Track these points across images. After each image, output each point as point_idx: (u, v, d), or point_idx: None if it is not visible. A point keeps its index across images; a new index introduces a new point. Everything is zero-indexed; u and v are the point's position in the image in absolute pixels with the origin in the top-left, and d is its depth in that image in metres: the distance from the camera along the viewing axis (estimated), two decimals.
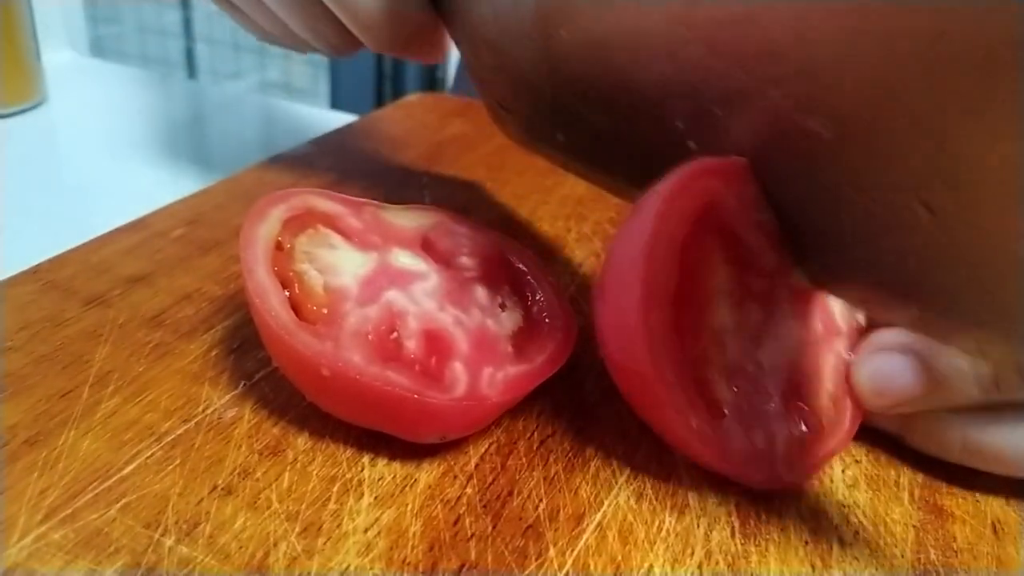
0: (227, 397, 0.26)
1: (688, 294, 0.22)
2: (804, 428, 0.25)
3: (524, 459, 0.25)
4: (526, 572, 0.21)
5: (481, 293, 0.27)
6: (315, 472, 0.23)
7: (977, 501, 0.25)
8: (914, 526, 0.24)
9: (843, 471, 0.25)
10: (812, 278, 0.24)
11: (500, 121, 0.36)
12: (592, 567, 0.21)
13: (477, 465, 0.24)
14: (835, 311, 0.26)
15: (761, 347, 0.24)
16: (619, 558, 0.22)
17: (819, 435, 0.25)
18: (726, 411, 0.24)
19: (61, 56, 0.66)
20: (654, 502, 0.24)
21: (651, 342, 0.21)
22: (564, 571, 0.21)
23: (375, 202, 0.28)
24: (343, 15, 0.31)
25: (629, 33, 0.24)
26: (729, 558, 0.22)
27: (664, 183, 0.22)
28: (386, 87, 1.47)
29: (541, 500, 0.23)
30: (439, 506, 0.23)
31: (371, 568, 0.21)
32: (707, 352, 0.23)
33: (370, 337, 0.24)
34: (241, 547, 0.21)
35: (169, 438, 0.24)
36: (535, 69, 0.29)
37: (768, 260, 0.23)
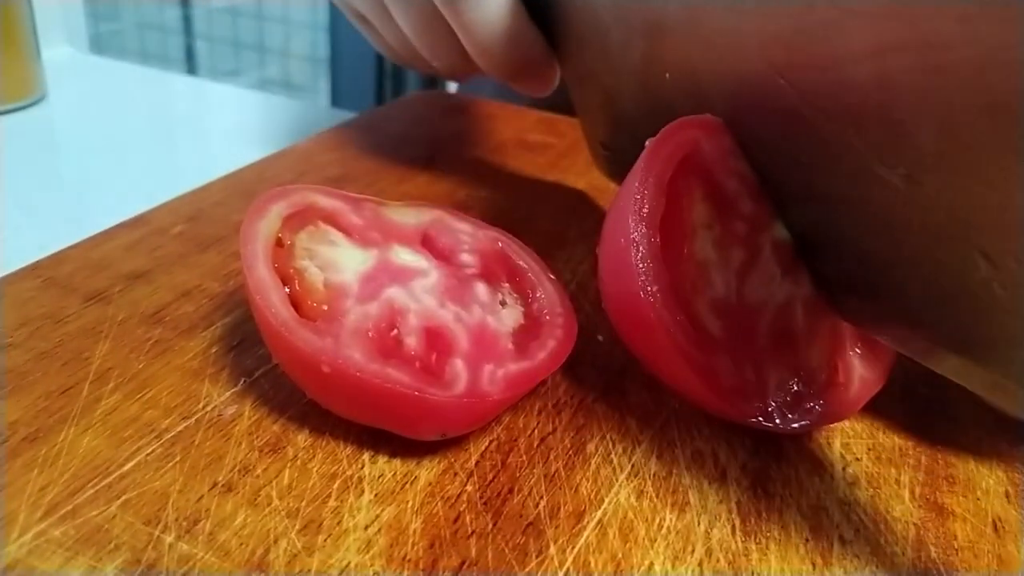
0: (227, 394, 0.26)
1: (672, 226, 0.25)
2: (797, 380, 0.25)
3: (524, 456, 0.25)
4: (526, 570, 0.21)
5: (481, 290, 0.27)
6: (315, 469, 0.23)
7: (978, 499, 0.25)
8: (915, 524, 0.24)
9: (844, 469, 0.25)
10: (855, 319, 0.25)
11: (599, 159, 0.38)
12: (593, 565, 0.21)
13: (477, 462, 0.24)
14: None
15: (746, 286, 0.26)
16: (620, 556, 0.22)
17: (814, 392, 0.25)
18: (716, 338, 0.25)
19: (61, 52, 0.66)
20: (655, 499, 0.24)
21: (640, 261, 0.23)
22: (564, 569, 0.21)
23: (375, 199, 0.28)
24: (464, 37, 0.33)
25: (728, 78, 0.24)
26: (730, 556, 0.22)
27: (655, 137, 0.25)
28: (386, 85, 1.47)
29: (541, 497, 0.23)
30: (439, 503, 0.23)
31: (371, 565, 0.21)
32: (694, 283, 0.25)
33: (370, 334, 0.23)
34: (241, 544, 0.21)
35: (169, 435, 0.24)
36: (637, 108, 0.30)
37: (746, 206, 0.26)
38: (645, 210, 0.23)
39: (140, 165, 0.49)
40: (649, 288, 0.23)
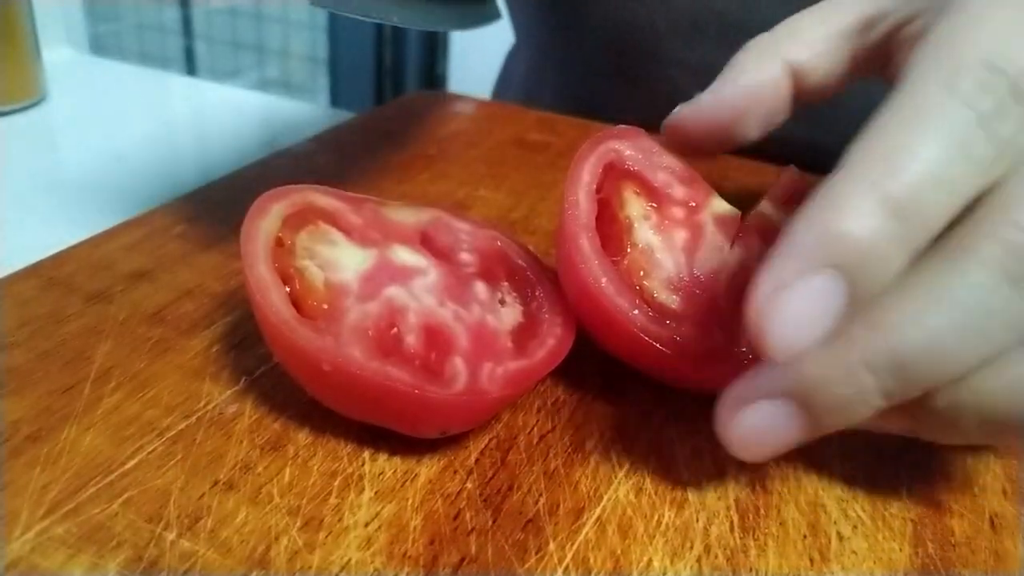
0: (228, 393, 0.26)
1: (610, 224, 0.27)
2: None
3: (524, 454, 0.25)
4: (526, 566, 0.21)
5: (481, 289, 0.27)
6: (316, 467, 0.24)
7: (975, 495, 0.25)
8: (912, 520, 0.24)
9: (842, 465, 0.26)
10: None
11: None
12: (592, 561, 0.21)
13: (477, 460, 0.24)
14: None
15: (695, 260, 0.28)
16: (618, 552, 0.22)
17: None
18: (676, 313, 0.26)
19: (61, 53, 0.66)
20: (653, 496, 0.24)
21: (585, 257, 0.25)
22: (564, 565, 0.21)
23: (375, 198, 0.28)
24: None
25: None
26: (728, 552, 0.22)
27: (584, 148, 0.28)
28: (386, 84, 1.47)
29: (541, 495, 0.23)
30: (439, 500, 0.23)
31: (372, 562, 0.21)
32: (643, 268, 0.27)
33: (370, 332, 0.24)
34: (243, 541, 0.21)
35: (171, 433, 0.24)
36: None
37: (677, 192, 0.29)
38: (580, 217, 0.26)
39: (140, 166, 0.50)
40: (596, 280, 0.25)
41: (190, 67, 1.70)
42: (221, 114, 0.61)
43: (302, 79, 1.64)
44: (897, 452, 0.26)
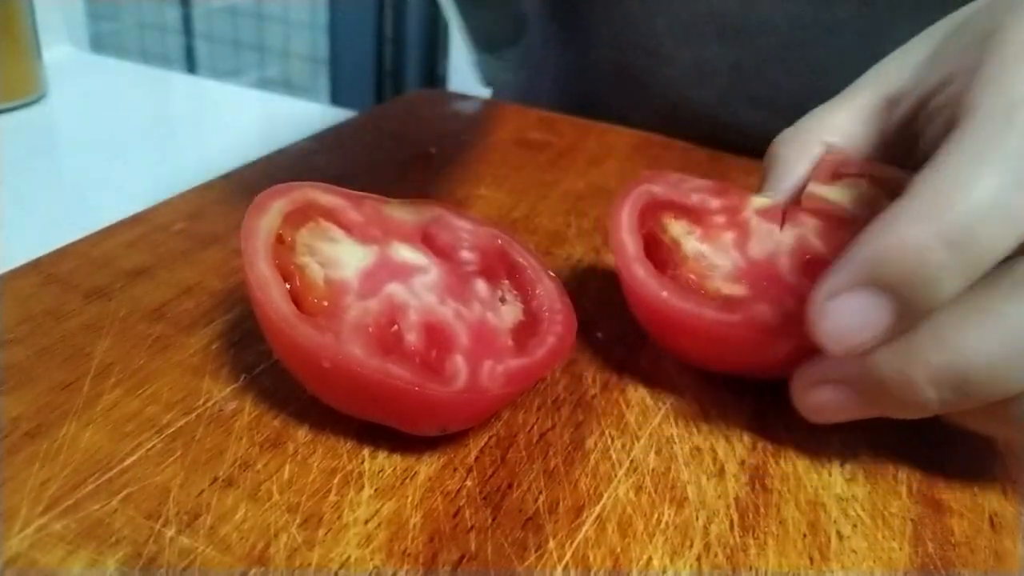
0: (228, 390, 0.26)
1: (659, 249, 0.29)
2: None
3: (524, 452, 0.25)
4: (526, 564, 0.21)
5: (481, 287, 0.27)
6: (316, 464, 0.24)
7: (975, 495, 0.25)
8: (912, 519, 0.24)
9: (841, 464, 0.26)
10: None
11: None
12: (591, 559, 0.21)
13: (477, 458, 0.24)
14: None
15: (749, 250, 0.29)
16: (618, 550, 0.22)
17: None
18: (745, 298, 0.27)
19: (61, 51, 0.66)
20: (653, 495, 0.24)
21: (642, 282, 0.27)
22: (563, 563, 0.21)
23: (376, 196, 0.28)
24: None
25: None
26: (728, 551, 0.22)
27: (618, 197, 0.29)
28: (386, 83, 1.47)
29: (541, 493, 0.23)
30: (439, 498, 0.23)
31: (371, 559, 0.21)
32: (699, 274, 0.28)
33: (371, 330, 0.24)
34: (242, 538, 0.21)
35: (170, 430, 0.24)
36: None
37: (713, 204, 0.30)
38: (628, 253, 0.28)
39: (140, 164, 0.50)
40: (657, 296, 0.26)
41: (191, 66, 1.70)
42: (222, 113, 0.61)
43: (303, 79, 1.64)
44: (897, 451, 0.26)
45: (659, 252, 0.29)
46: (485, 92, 0.59)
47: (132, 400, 0.25)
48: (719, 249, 0.29)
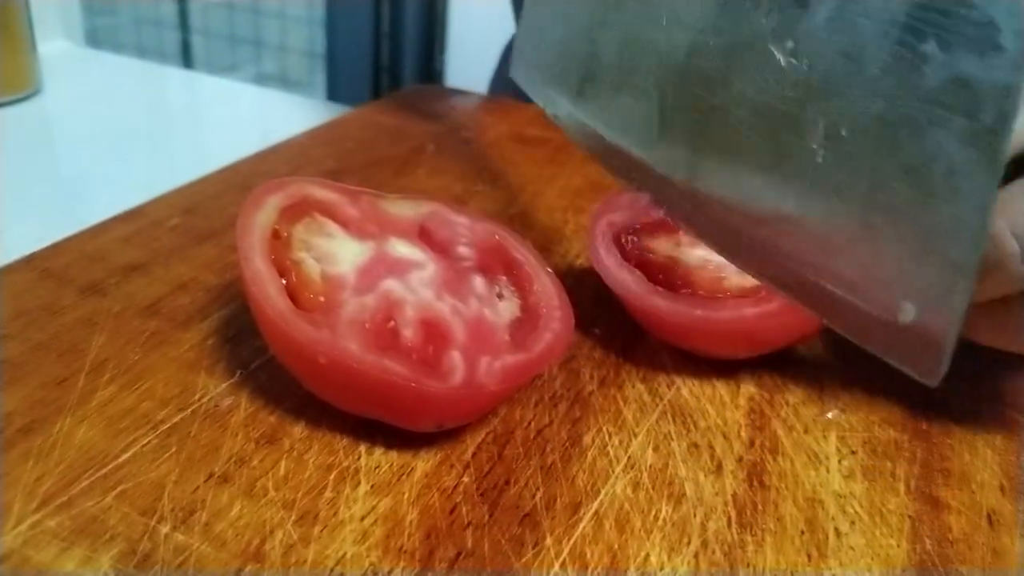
0: (223, 386, 0.26)
1: (656, 271, 0.30)
2: None
3: (521, 448, 0.25)
4: (523, 561, 0.21)
5: (478, 282, 0.27)
6: (311, 460, 0.23)
7: (973, 492, 0.25)
8: (910, 516, 0.24)
9: (839, 461, 0.25)
10: None
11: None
12: (589, 556, 0.21)
13: (474, 454, 0.24)
14: None
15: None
16: (616, 547, 0.22)
17: None
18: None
19: (57, 46, 0.66)
20: (651, 491, 0.24)
21: (636, 283, 0.29)
22: (560, 560, 0.21)
23: (372, 191, 0.28)
24: None
25: None
26: (725, 547, 0.22)
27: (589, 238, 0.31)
28: (383, 78, 1.46)
29: (538, 489, 0.23)
30: (436, 495, 0.23)
31: (368, 556, 0.21)
32: (708, 277, 0.30)
33: (367, 325, 0.23)
34: (237, 535, 0.21)
35: (165, 426, 0.24)
36: None
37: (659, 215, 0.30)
38: (612, 263, 0.29)
39: (136, 158, 0.49)
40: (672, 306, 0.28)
41: (187, 61, 1.69)
42: (218, 107, 0.60)
43: (299, 74, 1.64)
44: (895, 448, 0.26)
45: (659, 274, 0.29)
46: (482, 88, 0.59)
47: (127, 396, 0.25)
48: (684, 243, 0.30)
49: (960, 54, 0.20)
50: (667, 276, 0.29)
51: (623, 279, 0.29)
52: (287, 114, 0.59)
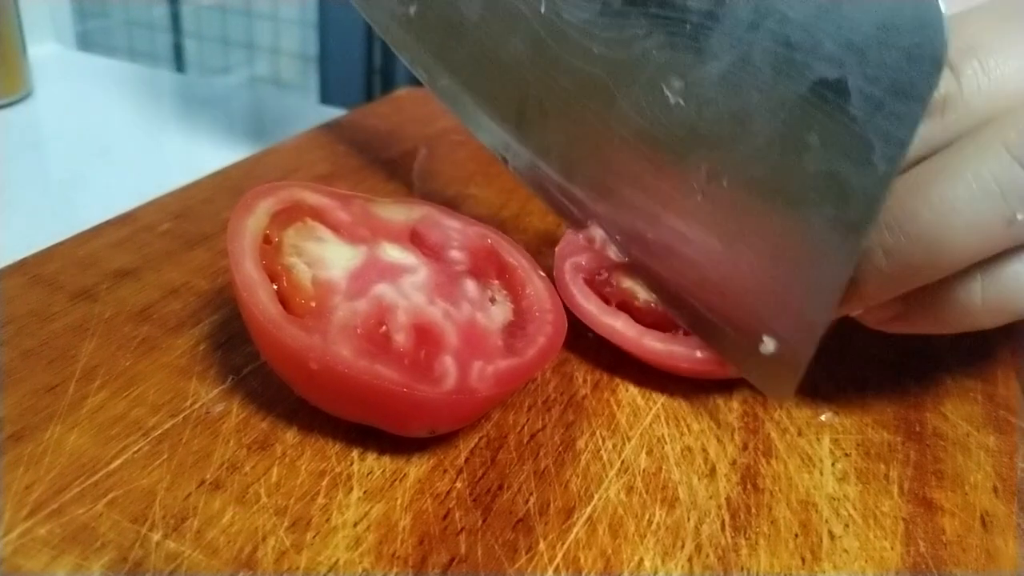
0: (215, 392, 0.26)
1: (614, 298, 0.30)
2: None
3: (514, 453, 0.25)
4: (516, 566, 0.21)
5: (471, 287, 0.27)
6: (304, 466, 0.23)
7: (966, 494, 0.25)
8: (903, 519, 0.24)
9: (833, 464, 0.25)
10: None
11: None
12: (582, 561, 0.21)
13: (467, 459, 0.24)
14: None
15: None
16: (609, 551, 0.22)
17: None
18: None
19: (47, 49, 0.66)
20: (644, 495, 0.24)
21: (626, 327, 0.28)
22: (554, 565, 0.21)
23: (364, 195, 0.28)
24: None
25: None
26: (719, 551, 0.22)
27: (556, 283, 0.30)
28: (376, 81, 1.46)
29: (531, 494, 0.23)
30: (429, 500, 0.23)
31: (360, 562, 0.21)
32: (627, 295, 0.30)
33: (359, 331, 0.23)
34: (229, 542, 0.21)
35: (156, 433, 0.24)
36: None
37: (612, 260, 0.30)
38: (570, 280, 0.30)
39: (127, 162, 0.49)
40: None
41: (179, 64, 1.69)
42: (210, 110, 0.60)
43: (292, 76, 1.63)
44: (888, 450, 0.26)
45: (648, 316, 0.29)
46: None
47: (118, 402, 0.25)
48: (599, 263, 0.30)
49: (837, 155, 0.21)
50: (653, 316, 0.29)
51: (609, 325, 0.28)
52: (279, 117, 0.59)
